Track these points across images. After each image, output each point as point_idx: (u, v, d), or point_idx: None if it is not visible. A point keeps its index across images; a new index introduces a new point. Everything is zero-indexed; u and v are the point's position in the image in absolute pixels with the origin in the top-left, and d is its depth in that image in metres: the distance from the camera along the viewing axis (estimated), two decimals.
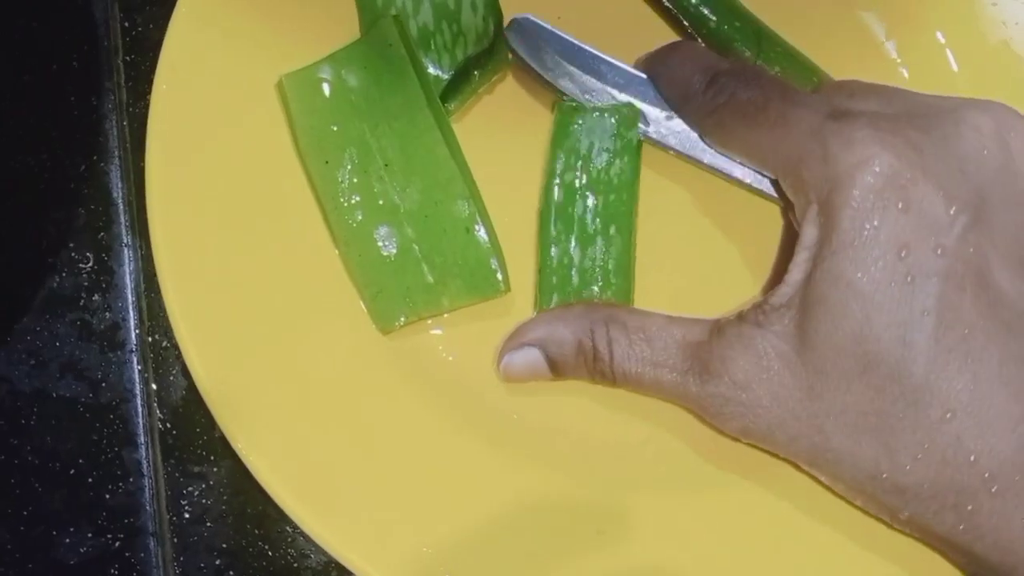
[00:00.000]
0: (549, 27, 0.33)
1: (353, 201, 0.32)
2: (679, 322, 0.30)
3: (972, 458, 0.27)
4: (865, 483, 0.28)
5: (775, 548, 0.31)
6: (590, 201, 0.33)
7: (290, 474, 0.30)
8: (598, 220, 0.33)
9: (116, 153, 0.36)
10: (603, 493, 0.32)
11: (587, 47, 0.33)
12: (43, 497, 0.33)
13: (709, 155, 0.33)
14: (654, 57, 0.33)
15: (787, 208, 0.30)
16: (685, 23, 0.35)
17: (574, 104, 0.33)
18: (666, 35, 0.36)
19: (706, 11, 0.34)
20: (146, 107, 0.33)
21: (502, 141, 0.34)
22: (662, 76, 0.33)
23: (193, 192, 0.33)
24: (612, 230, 0.33)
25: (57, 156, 0.35)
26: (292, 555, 0.33)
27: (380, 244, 0.32)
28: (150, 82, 0.33)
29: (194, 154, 0.33)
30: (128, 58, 0.37)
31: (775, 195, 0.32)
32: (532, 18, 0.33)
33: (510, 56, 0.34)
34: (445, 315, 0.33)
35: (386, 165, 0.32)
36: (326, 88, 0.32)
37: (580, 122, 0.33)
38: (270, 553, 0.33)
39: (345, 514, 0.30)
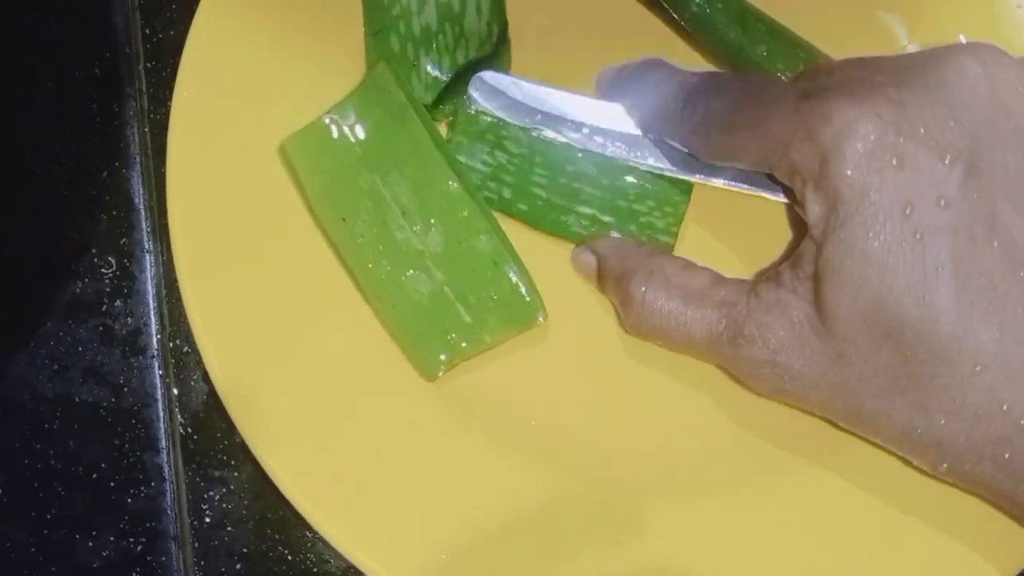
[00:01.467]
0: (512, 78, 0.33)
1: (377, 253, 0.32)
2: (723, 283, 0.31)
3: (1005, 407, 0.26)
4: (902, 439, 0.29)
5: (791, 551, 0.31)
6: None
7: (309, 479, 0.30)
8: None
9: (138, 159, 0.36)
10: (620, 499, 0.32)
11: (554, 88, 0.33)
12: (65, 501, 0.33)
13: (700, 172, 0.33)
14: (622, 85, 0.33)
15: (789, 199, 0.30)
16: (668, 8, 0.35)
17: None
18: (651, 23, 0.36)
19: None
20: (167, 113, 0.33)
21: None
22: (636, 109, 0.33)
23: (214, 198, 0.33)
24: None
25: (79, 162, 0.36)
26: (312, 560, 0.33)
27: (411, 292, 0.32)
28: (171, 88, 0.33)
29: (215, 160, 0.33)
30: (149, 65, 0.37)
31: (776, 196, 0.32)
32: (494, 73, 0.33)
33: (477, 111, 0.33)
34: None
35: (403, 212, 0.32)
36: (329, 145, 0.32)
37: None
38: (290, 558, 0.33)
39: (364, 519, 0.30)
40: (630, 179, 0.33)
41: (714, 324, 0.30)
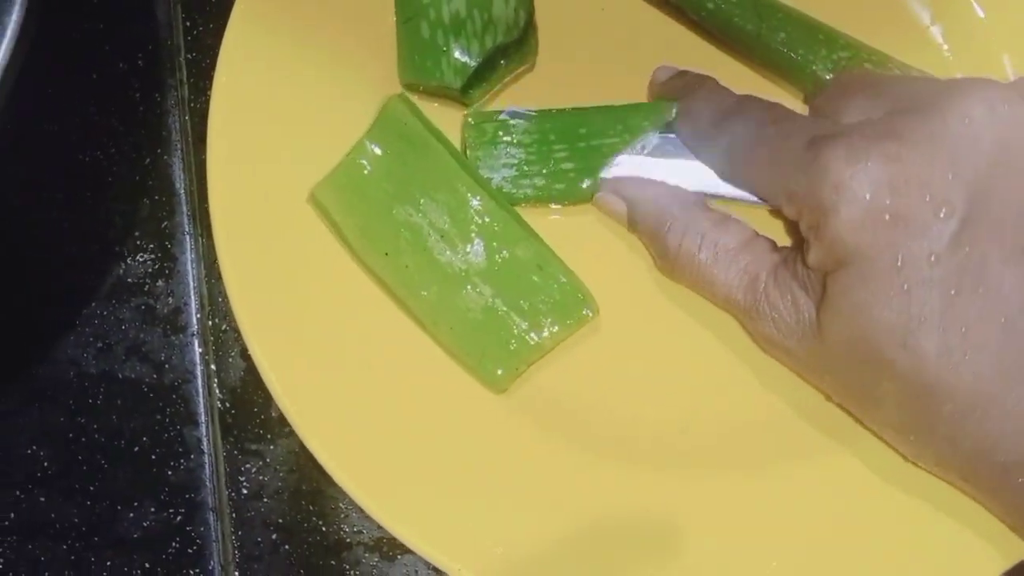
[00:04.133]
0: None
1: (425, 280, 0.32)
2: (752, 248, 0.32)
3: (971, 439, 0.28)
4: (879, 429, 0.31)
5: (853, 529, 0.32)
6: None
7: (343, 448, 0.31)
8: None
9: (179, 147, 0.37)
10: (653, 475, 0.32)
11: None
12: (109, 474, 0.34)
13: (726, 188, 0.33)
14: (680, 91, 0.34)
15: None
16: (684, 7, 0.35)
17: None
18: (668, 24, 0.37)
19: None
20: (207, 103, 0.34)
21: None
22: (685, 116, 0.34)
23: (252, 182, 0.34)
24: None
25: (123, 150, 0.37)
26: (345, 530, 0.34)
27: (466, 311, 0.32)
28: (211, 78, 0.34)
29: (253, 146, 0.34)
30: (190, 56, 0.38)
31: None
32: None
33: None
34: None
35: (442, 236, 0.32)
36: (358, 186, 0.33)
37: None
38: (324, 528, 0.34)
39: (397, 488, 0.31)
40: (641, 115, 0.34)
41: (735, 290, 0.31)
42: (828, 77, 0.34)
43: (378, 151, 0.33)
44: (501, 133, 0.34)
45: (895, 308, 0.28)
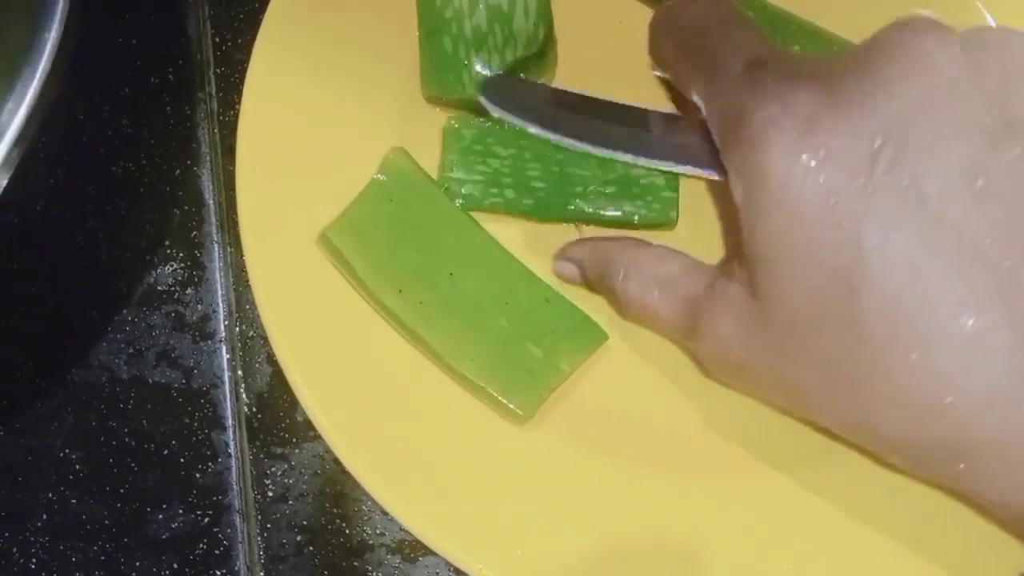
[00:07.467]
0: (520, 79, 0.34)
1: (440, 314, 0.33)
2: (691, 273, 0.31)
3: (948, 400, 0.25)
4: (848, 430, 0.28)
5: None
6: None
7: (367, 450, 0.32)
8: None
9: (208, 158, 0.38)
10: (669, 480, 0.33)
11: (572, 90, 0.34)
12: (138, 476, 0.35)
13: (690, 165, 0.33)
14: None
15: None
16: None
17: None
18: None
19: None
20: (236, 116, 0.35)
21: None
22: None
23: (280, 193, 0.34)
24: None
25: (154, 161, 0.38)
26: (368, 532, 0.34)
27: (484, 342, 0.33)
28: (239, 92, 0.35)
29: (280, 157, 0.35)
30: (219, 71, 0.39)
31: None
32: (506, 76, 0.35)
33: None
34: None
35: (451, 274, 0.33)
36: (368, 228, 0.33)
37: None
38: (347, 531, 0.34)
39: (419, 489, 0.32)
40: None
41: (677, 316, 0.30)
42: None
43: (383, 199, 0.34)
44: (477, 144, 0.34)
45: (833, 246, 0.25)
